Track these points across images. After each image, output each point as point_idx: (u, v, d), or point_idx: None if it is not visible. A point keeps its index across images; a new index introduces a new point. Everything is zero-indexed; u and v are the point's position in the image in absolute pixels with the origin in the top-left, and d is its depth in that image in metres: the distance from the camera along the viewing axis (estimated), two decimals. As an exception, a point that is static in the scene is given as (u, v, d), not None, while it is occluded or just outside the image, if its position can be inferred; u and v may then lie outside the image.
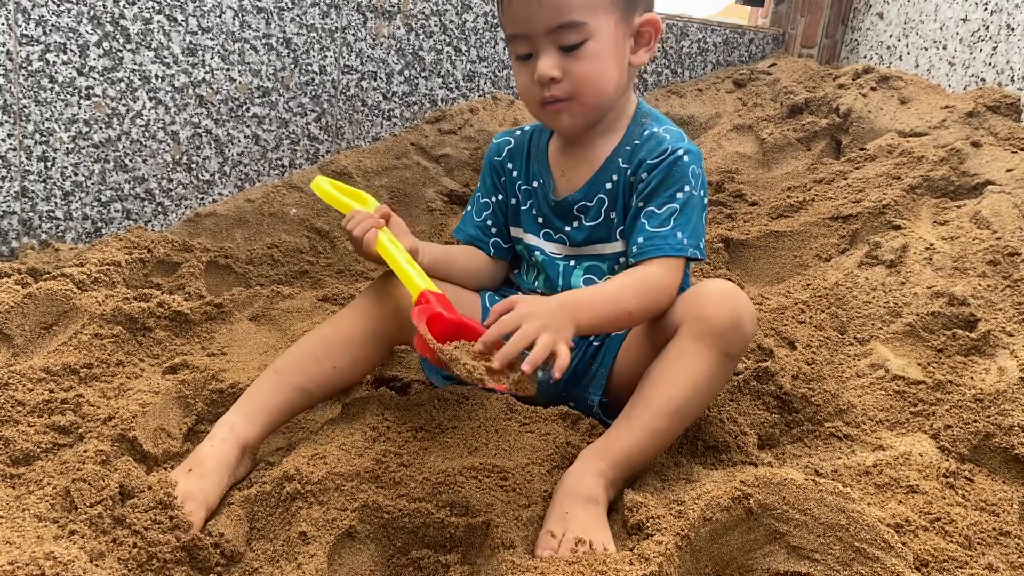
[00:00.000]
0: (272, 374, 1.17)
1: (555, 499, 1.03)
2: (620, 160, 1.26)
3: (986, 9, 2.23)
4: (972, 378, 1.41)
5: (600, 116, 1.25)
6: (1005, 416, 1.28)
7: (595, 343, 1.29)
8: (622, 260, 1.28)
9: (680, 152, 1.20)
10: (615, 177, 1.26)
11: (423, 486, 1.04)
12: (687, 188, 1.20)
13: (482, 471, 1.08)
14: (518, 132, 1.40)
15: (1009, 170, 1.87)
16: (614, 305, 1.10)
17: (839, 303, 1.66)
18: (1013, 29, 2.15)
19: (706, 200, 1.25)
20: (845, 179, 2.05)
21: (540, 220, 1.34)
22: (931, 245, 1.72)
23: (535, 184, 1.34)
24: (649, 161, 1.22)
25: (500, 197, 1.38)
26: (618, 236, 1.28)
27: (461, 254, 1.38)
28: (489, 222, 1.39)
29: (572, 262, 1.32)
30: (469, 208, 1.43)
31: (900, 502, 1.14)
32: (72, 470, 1.03)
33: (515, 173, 1.36)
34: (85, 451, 1.06)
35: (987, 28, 2.22)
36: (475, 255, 1.39)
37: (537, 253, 1.34)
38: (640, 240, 1.20)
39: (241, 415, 1.13)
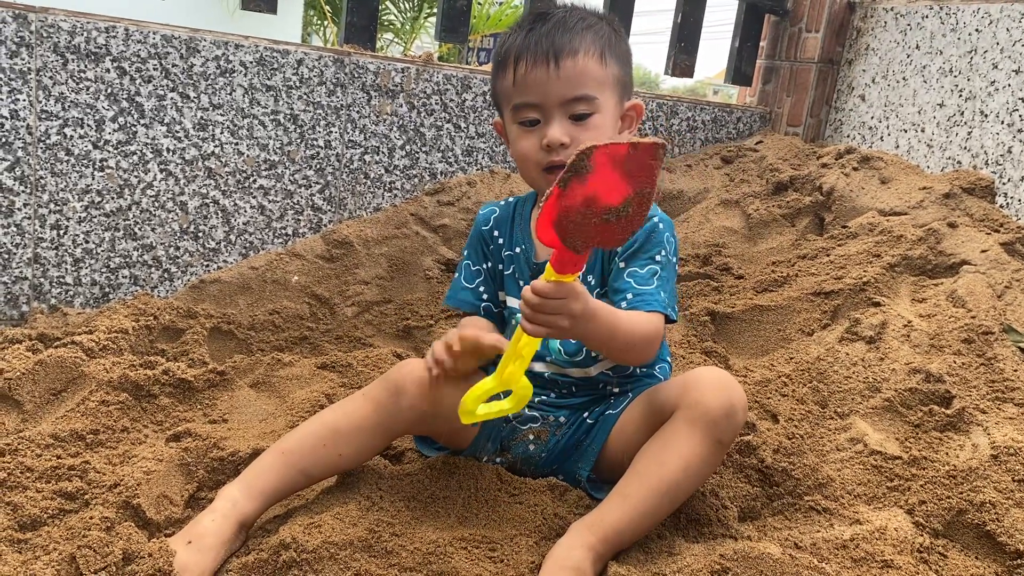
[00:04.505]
0: (280, 454, 1.21)
1: (543, 570, 1.07)
2: None
3: (961, 96, 2.34)
4: (947, 454, 1.46)
5: None
6: (977, 492, 1.33)
7: (589, 420, 1.35)
8: None
9: (656, 219, 1.31)
10: None
11: (414, 556, 1.08)
12: (663, 252, 1.30)
13: (471, 541, 1.13)
14: (502, 203, 1.49)
15: (984, 251, 1.95)
16: (622, 329, 1.17)
17: (820, 377, 1.72)
18: (986, 116, 2.26)
19: (676, 267, 1.35)
20: (828, 256, 2.13)
21: (521, 283, 1.41)
22: (909, 322, 1.78)
23: (518, 250, 1.41)
24: None
25: (489, 264, 1.45)
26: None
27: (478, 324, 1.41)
28: (481, 288, 1.45)
29: None
30: (458, 276, 1.48)
31: (875, 577, 1.18)
32: (78, 536, 1.07)
33: (500, 240, 1.44)
34: (91, 517, 1.11)
35: (962, 114, 2.34)
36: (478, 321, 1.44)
37: (519, 315, 1.41)
38: (629, 296, 1.27)
39: (243, 491, 1.17)
